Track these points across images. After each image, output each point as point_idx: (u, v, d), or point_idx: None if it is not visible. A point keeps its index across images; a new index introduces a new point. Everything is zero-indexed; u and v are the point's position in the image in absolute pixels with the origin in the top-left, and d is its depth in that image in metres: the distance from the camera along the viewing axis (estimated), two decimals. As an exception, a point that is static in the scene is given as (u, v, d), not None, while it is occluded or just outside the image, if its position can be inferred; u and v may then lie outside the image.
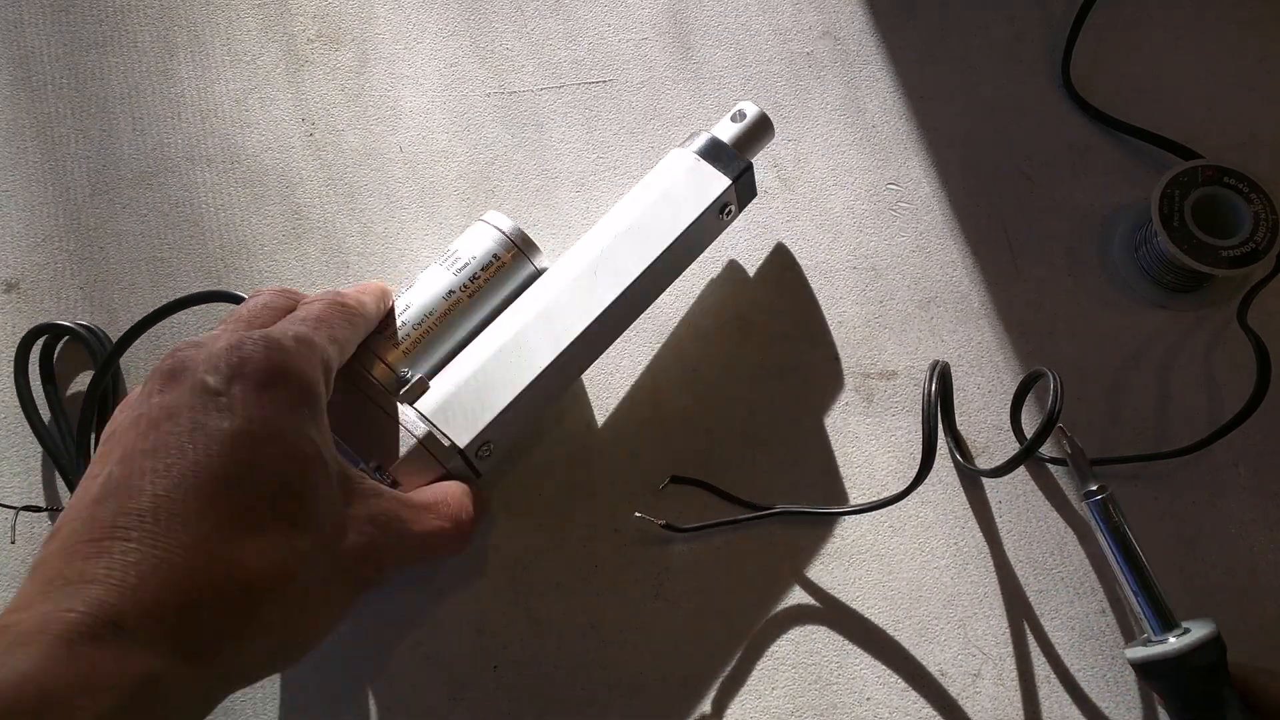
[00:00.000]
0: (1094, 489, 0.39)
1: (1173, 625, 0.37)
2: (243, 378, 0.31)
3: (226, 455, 0.29)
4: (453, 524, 0.36)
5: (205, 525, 0.28)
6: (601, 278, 0.40)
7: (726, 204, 0.42)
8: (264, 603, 0.29)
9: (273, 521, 0.30)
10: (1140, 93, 0.50)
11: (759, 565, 0.42)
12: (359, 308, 0.37)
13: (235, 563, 0.29)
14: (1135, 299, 0.47)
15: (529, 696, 0.40)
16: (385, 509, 0.34)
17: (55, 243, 0.46)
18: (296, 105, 0.49)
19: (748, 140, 0.43)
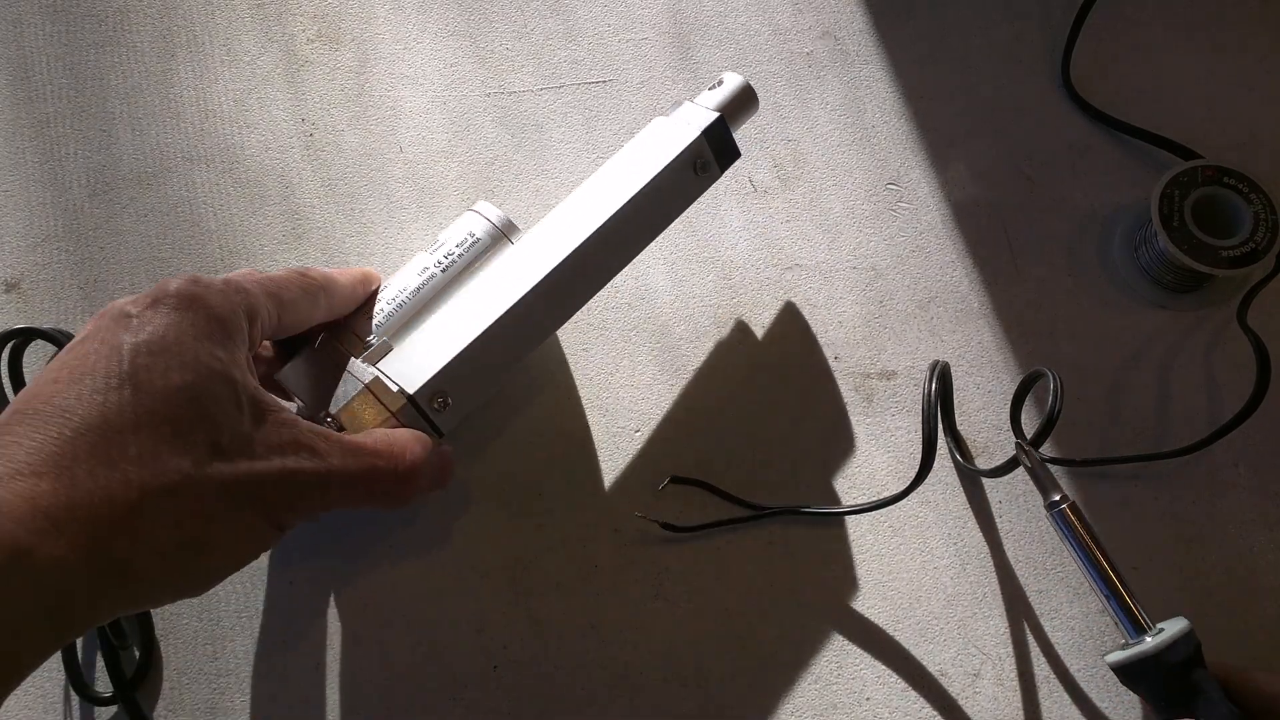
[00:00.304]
0: (1056, 499, 0.39)
1: (1146, 627, 0.37)
2: (157, 303, 0.32)
3: (126, 360, 0.30)
4: (388, 464, 0.34)
5: (92, 418, 0.29)
6: (562, 235, 0.39)
7: (700, 158, 0.41)
8: (145, 498, 0.29)
9: (163, 423, 0.30)
10: (1140, 93, 0.50)
11: (759, 565, 0.42)
12: (321, 280, 0.37)
13: (121, 456, 0.29)
14: (1135, 299, 0.47)
15: (529, 696, 0.40)
16: (298, 438, 0.33)
17: (55, 243, 0.46)
18: (296, 105, 0.49)
19: (728, 105, 0.42)
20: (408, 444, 0.35)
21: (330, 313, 0.38)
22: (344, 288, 0.39)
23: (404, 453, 0.35)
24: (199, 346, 0.31)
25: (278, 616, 0.41)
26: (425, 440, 0.36)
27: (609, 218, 0.39)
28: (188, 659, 0.40)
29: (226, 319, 0.33)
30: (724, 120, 0.41)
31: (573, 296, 0.40)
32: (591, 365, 0.45)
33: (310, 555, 0.42)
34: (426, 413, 0.37)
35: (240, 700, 0.40)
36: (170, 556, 0.30)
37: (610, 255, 0.40)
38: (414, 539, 0.42)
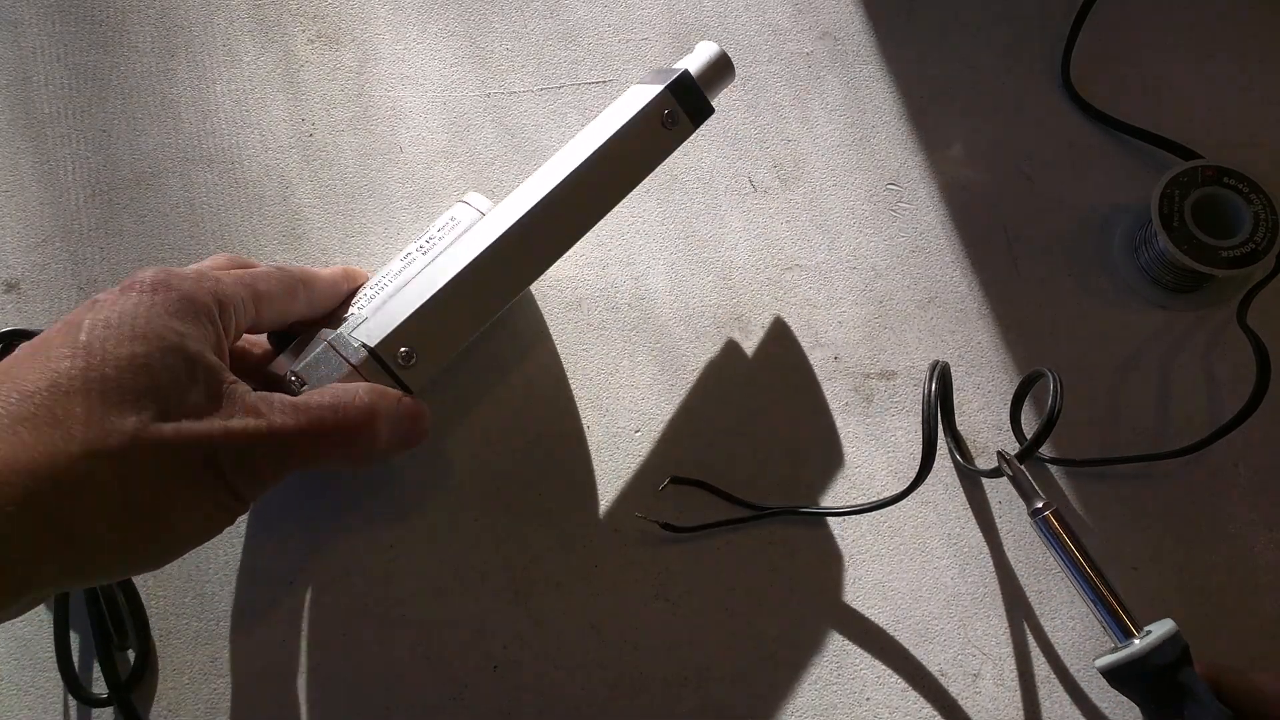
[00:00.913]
0: (1039, 506, 0.39)
1: (1133, 630, 0.37)
2: (126, 289, 0.33)
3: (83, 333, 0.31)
4: (336, 416, 0.34)
5: (41, 382, 0.29)
6: (530, 189, 0.39)
7: (667, 111, 0.40)
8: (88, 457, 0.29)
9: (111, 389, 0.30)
10: (1140, 93, 0.50)
11: (759, 565, 0.42)
12: (300, 274, 0.38)
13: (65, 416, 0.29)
14: (1135, 299, 0.47)
15: (529, 696, 0.40)
16: (245, 402, 0.33)
17: (55, 243, 0.46)
18: (296, 105, 0.49)
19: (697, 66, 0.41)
20: (359, 396, 0.35)
21: (312, 307, 0.39)
22: (324, 283, 0.39)
23: (355, 406, 0.34)
24: (159, 321, 0.32)
25: (277, 617, 0.41)
26: (383, 393, 0.36)
27: (573, 170, 0.38)
28: (187, 659, 0.40)
29: (194, 300, 0.33)
30: (688, 74, 0.40)
31: (541, 250, 0.39)
32: (591, 365, 0.45)
33: (310, 555, 0.42)
34: (391, 368, 0.36)
35: (240, 700, 0.40)
36: (118, 521, 0.30)
37: (579, 208, 0.39)
38: (414, 539, 0.42)
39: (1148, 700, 0.37)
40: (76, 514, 0.29)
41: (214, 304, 0.34)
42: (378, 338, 0.36)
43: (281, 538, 0.42)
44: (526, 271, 0.39)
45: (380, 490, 0.43)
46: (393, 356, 0.36)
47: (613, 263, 0.47)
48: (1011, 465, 0.40)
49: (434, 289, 0.37)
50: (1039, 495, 0.39)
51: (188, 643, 0.41)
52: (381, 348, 0.36)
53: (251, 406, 0.33)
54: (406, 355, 0.36)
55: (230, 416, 0.32)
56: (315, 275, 0.39)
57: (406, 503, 0.43)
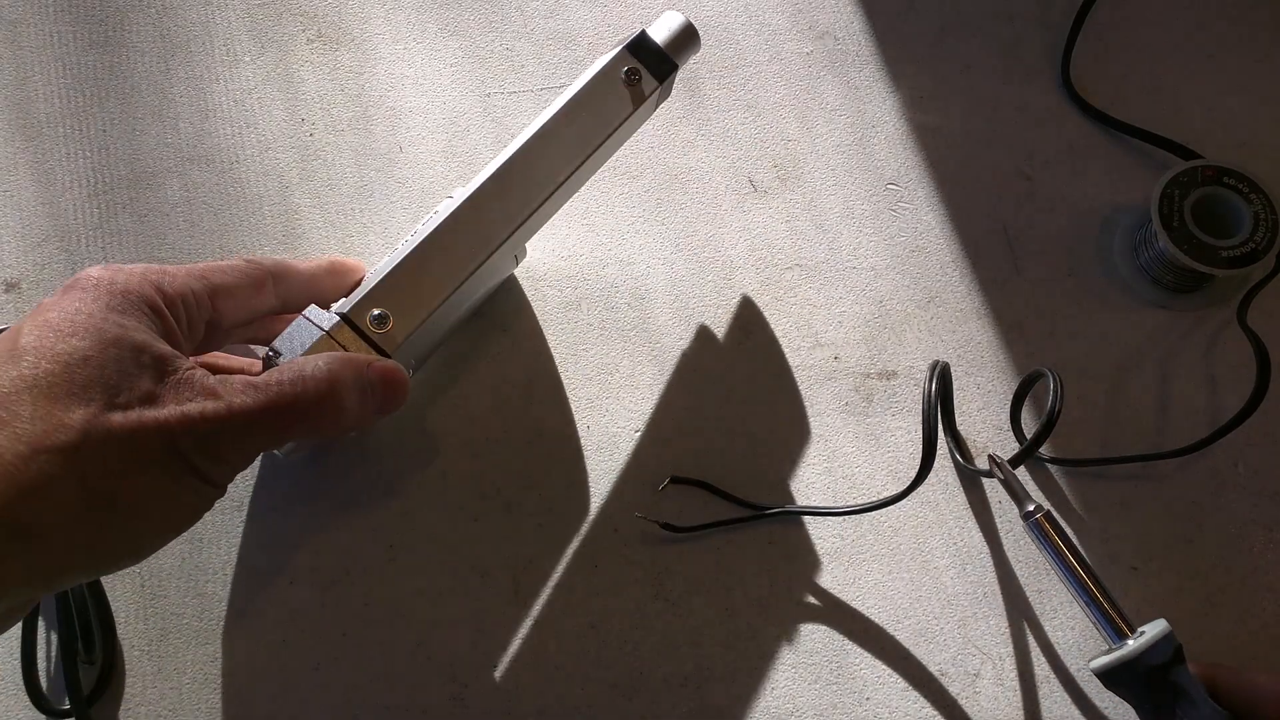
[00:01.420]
0: (1030, 510, 0.39)
1: (1126, 632, 0.37)
2: (69, 289, 0.33)
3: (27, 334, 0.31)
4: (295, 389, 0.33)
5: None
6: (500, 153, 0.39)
7: (628, 69, 0.40)
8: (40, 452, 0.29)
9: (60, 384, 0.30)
10: (1140, 93, 0.50)
11: (759, 565, 0.42)
12: (272, 265, 0.37)
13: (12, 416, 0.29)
14: (1135, 299, 0.47)
15: (529, 696, 0.40)
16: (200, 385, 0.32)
17: (55, 243, 0.46)
18: (296, 106, 0.49)
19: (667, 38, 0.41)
20: (320, 368, 0.34)
21: (285, 301, 0.38)
22: (301, 274, 0.38)
23: (315, 378, 0.34)
24: (100, 316, 0.32)
25: (276, 616, 0.41)
26: (348, 360, 0.35)
27: (536, 131, 0.39)
28: (186, 658, 0.40)
29: (133, 292, 0.33)
30: (645, 33, 0.41)
31: (511, 207, 0.39)
32: (591, 365, 0.45)
33: (310, 555, 0.42)
34: (364, 331, 0.36)
35: (239, 700, 0.40)
36: (80, 516, 0.30)
37: (547, 165, 0.39)
38: (414, 539, 0.42)
39: (1142, 701, 0.37)
40: (34, 513, 0.29)
41: (158, 295, 0.33)
42: (349, 305, 0.36)
43: (281, 538, 0.42)
44: (496, 231, 0.39)
45: (381, 490, 0.43)
46: (364, 320, 0.36)
47: (612, 263, 0.47)
48: (1002, 469, 0.41)
49: (404, 253, 0.37)
50: (1030, 499, 0.40)
51: (187, 642, 0.41)
52: (353, 312, 0.36)
53: (209, 389, 0.32)
54: (380, 318, 0.36)
55: (186, 401, 0.32)
56: (289, 268, 0.38)
57: (406, 503, 0.43)
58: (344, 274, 0.40)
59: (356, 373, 0.35)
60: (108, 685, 0.40)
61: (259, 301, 0.37)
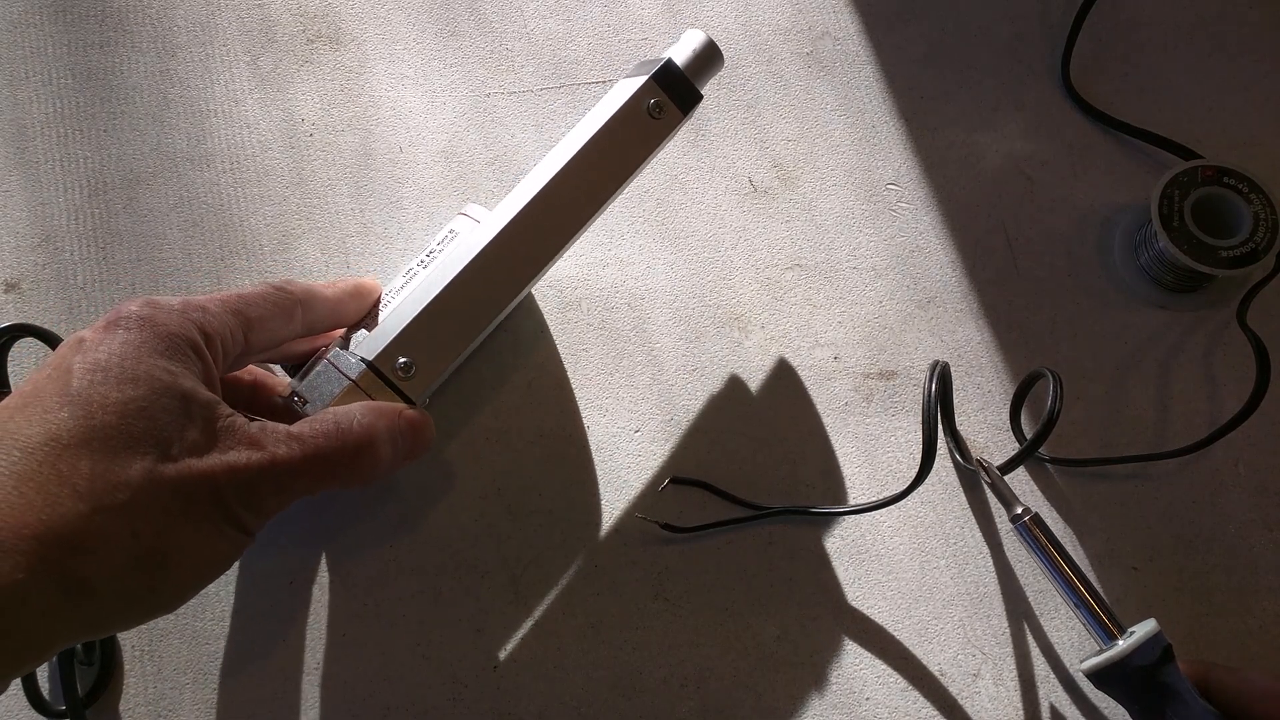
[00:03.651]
0: (1018, 512, 0.40)
1: (1115, 632, 0.38)
2: (111, 326, 0.32)
3: (75, 379, 0.30)
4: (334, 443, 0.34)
5: (42, 436, 0.29)
6: (521, 192, 0.39)
7: (650, 99, 0.40)
8: (99, 512, 0.29)
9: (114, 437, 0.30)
10: (1140, 93, 0.50)
11: (759, 565, 0.42)
12: (300, 294, 0.37)
13: (71, 471, 0.29)
14: (1135, 299, 0.47)
15: (529, 696, 0.40)
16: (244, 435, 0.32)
17: (55, 243, 0.46)
18: (296, 105, 0.49)
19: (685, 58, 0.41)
20: (358, 419, 0.34)
21: (312, 327, 0.38)
22: (327, 301, 0.38)
23: (353, 430, 0.34)
24: (148, 362, 0.31)
25: (276, 616, 0.41)
26: (382, 410, 0.35)
27: (561, 169, 0.38)
28: (187, 659, 0.40)
29: (177, 335, 0.33)
30: (671, 62, 0.40)
31: (536, 251, 0.39)
32: (591, 365, 0.45)
33: (309, 555, 0.42)
34: (391, 380, 0.36)
35: (239, 700, 0.40)
36: (130, 572, 0.30)
37: (570, 206, 0.39)
38: (414, 539, 0.42)
39: (1132, 701, 0.37)
40: (91, 570, 0.29)
41: (200, 336, 0.33)
42: (375, 351, 0.36)
43: (281, 538, 0.42)
44: (521, 274, 0.39)
45: (380, 491, 0.43)
46: (391, 368, 0.36)
47: (612, 263, 0.47)
48: (990, 473, 0.41)
49: (428, 298, 0.37)
50: (1018, 502, 0.40)
51: (187, 642, 0.41)
52: (379, 360, 0.36)
53: (251, 438, 0.32)
54: (405, 366, 0.36)
55: (230, 451, 0.32)
56: (316, 295, 0.37)
57: (406, 503, 0.43)
58: (364, 296, 0.39)
59: (389, 424, 0.35)
60: (106, 685, 0.40)
61: (288, 331, 0.37)
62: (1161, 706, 0.36)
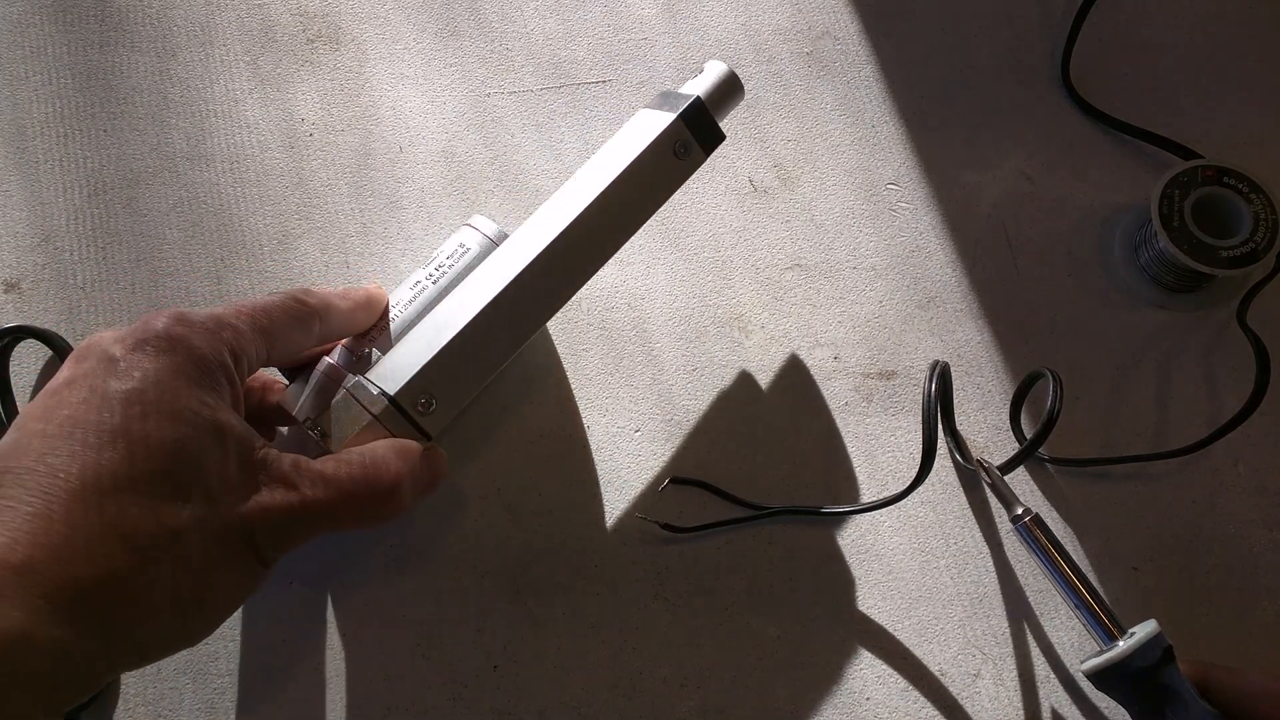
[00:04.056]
0: (1019, 513, 0.40)
1: (1115, 633, 0.38)
2: (143, 345, 0.31)
3: (117, 413, 0.29)
4: (365, 488, 0.34)
5: (88, 479, 0.28)
6: (543, 226, 0.38)
7: (678, 140, 0.40)
8: (147, 561, 0.28)
9: (159, 479, 0.29)
10: (1140, 93, 0.50)
11: (759, 565, 0.42)
12: (318, 306, 0.36)
13: (117, 518, 0.28)
14: (1135, 299, 0.47)
15: (529, 696, 0.40)
16: (278, 473, 0.32)
17: (55, 242, 0.46)
18: (296, 105, 0.49)
19: (709, 92, 0.41)
20: (387, 462, 0.34)
21: (326, 338, 0.38)
22: (343, 313, 0.38)
23: (382, 473, 0.34)
24: (186, 394, 0.31)
25: (276, 617, 0.41)
26: (406, 451, 0.35)
27: (587, 206, 0.38)
28: (186, 659, 0.40)
29: (211, 361, 0.32)
30: (701, 101, 0.40)
31: (557, 288, 0.39)
32: (591, 365, 0.45)
33: (309, 556, 0.42)
34: (411, 415, 0.36)
35: (239, 700, 0.40)
36: (171, 617, 0.30)
37: (593, 243, 0.39)
38: (414, 539, 0.42)
39: (1133, 702, 0.37)
40: (135, 620, 0.28)
41: (230, 359, 0.33)
42: (397, 385, 0.36)
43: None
44: (541, 311, 0.39)
45: (380, 490, 0.43)
46: (412, 404, 0.36)
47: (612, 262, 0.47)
48: (990, 473, 0.41)
49: (451, 333, 0.36)
50: (1019, 502, 0.40)
51: (188, 643, 0.41)
52: (402, 396, 0.36)
53: (284, 477, 0.32)
54: (426, 402, 0.36)
55: (266, 491, 0.32)
56: (332, 307, 0.37)
57: (406, 503, 0.43)
58: (375, 307, 0.39)
59: (411, 465, 0.35)
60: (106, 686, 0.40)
61: (307, 342, 0.37)
62: (1162, 707, 0.36)
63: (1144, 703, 0.37)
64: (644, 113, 0.41)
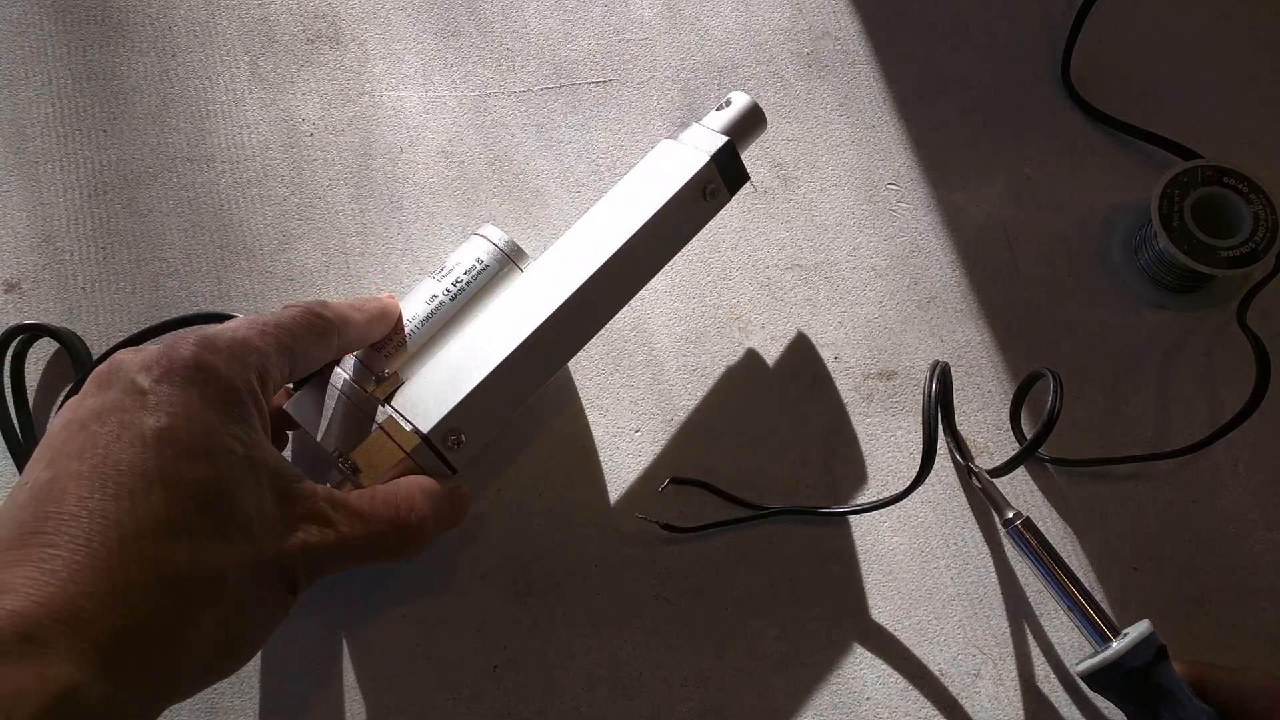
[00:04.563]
0: (1010, 517, 0.40)
1: (1109, 634, 0.38)
2: (171, 376, 0.31)
3: (152, 453, 0.29)
4: (393, 527, 0.34)
5: (131, 526, 0.28)
6: (572, 265, 0.39)
7: (708, 183, 0.40)
8: (193, 606, 0.28)
9: (200, 522, 0.29)
10: (1140, 93, 0.50)
11: (759, 565, 0.42)
12: (336, 319, 0.36)
13: (164, 565, 0.28)
14: (1135, 299, 0.47)
15: (529, 696, 0.40)
16: (315, 510, 0.32)
17: (56, 242, 0.46)
18: (296, 105, 0.49)
19: (736, 127, 0.42)
20: (415, 501, 0.35)
21: (342, 351, 0.38)
22: (359, 325, 0.37)
23: (411, 514, 0.35)
24: (219, 429, 0.30)
25: (278, 617, 0.41)
26: (432, 491, 0.36)
27: (619, 248, 0.39)
28: (188, 659, 0.40)
29: (241, 391, 0.32)
30: (733, 144, 0.41)
31: (583, 327, 0.39)
32: (591, 365, 0.45)
33: (310, 555, 0.42)
34: (440, 451, 0.37)
35: (238, 700, 0.40)
36: (213, 656, 0.30)
37: (620, 284, 0.40)
38: (414, 539, 0.42)
39: (1128, 702, 0.38)
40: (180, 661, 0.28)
41: (258, 384, 0.33)
42: (430, 423, 0.36)
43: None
44: (568, 348, 0.39)
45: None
46: (443, 440, 0.37)
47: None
48: (980, 478, 0.41)
49: (483, 373, 0.37)
50: (1009, 506, 0.40)
51: (188, 643, 0.41)
52: (434, 433, 0.36)
53: (322, 514, 0.32)
54: (455, 439, 0.37)
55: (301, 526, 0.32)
56: (349, 320, 0.37)
57: (406, 503, 0.43)
58: (389, 318, 0.39)
59: (437, 505, 0.36)
60: None
61: (325, 356, 0.37)
62: (1156, 707, 0.36)
63: (1138, 703, 0.37)
64: (668, 145, 0.41)
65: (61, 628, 0.26)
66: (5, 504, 0.29)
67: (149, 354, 0.32)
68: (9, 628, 0.25)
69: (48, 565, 0.26)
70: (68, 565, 0.27)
